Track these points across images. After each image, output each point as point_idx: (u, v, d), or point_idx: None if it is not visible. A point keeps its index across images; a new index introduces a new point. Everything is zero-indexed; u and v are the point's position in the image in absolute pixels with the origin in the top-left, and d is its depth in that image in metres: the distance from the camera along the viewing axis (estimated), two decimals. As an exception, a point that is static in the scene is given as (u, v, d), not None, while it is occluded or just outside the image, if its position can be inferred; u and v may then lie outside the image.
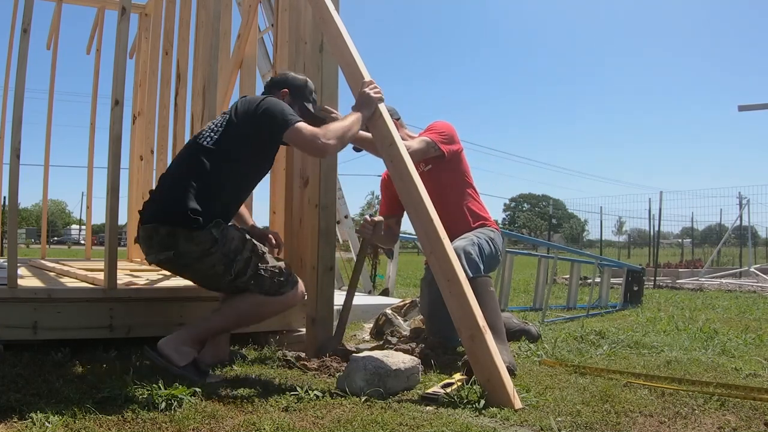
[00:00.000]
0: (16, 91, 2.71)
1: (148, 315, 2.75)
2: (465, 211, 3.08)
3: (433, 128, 3.11)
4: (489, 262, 2.95)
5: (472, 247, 2.82)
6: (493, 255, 3.00)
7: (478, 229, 3.02)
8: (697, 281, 10.12)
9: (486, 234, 3.00)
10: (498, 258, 3.11)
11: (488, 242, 2.96)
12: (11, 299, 2.54)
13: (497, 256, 3.08)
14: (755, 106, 7.87)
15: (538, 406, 2.02)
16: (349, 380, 2.13)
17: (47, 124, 5.58)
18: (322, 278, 2.81)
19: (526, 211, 64.96)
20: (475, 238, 2.91)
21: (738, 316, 5.10)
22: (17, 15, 4.94)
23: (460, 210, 3.07)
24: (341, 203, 6.08)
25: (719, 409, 2.03)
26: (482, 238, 2.94)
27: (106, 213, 2.75)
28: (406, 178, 2.44)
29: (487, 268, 2.93)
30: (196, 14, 4.10)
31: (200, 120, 3.20)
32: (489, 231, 3.04)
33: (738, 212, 14.40)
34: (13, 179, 2.66)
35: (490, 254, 2.95)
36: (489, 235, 3.01)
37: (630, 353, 3.03)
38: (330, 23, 2.75)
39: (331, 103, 2.88)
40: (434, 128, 3.10)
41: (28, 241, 34.67)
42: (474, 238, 2.90)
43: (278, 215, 3.14)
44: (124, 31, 2.85)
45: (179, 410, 1.84)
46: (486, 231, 3.03)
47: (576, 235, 33.22)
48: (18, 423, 1.69)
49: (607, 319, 4.75)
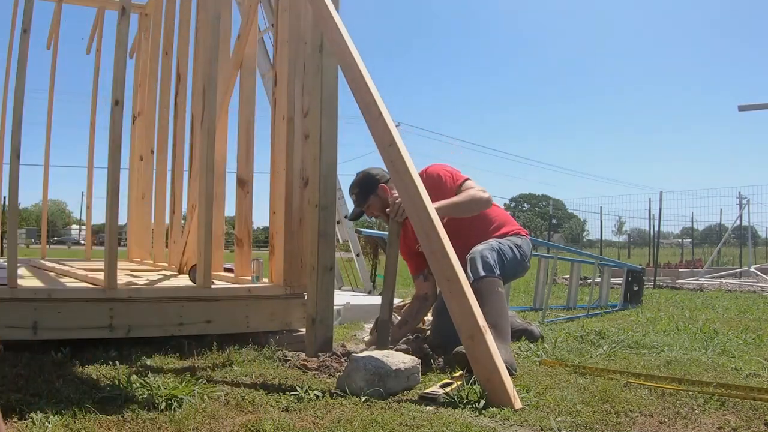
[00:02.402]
0: (16, 91, 2.71)
1: (148, 315, 2.75)
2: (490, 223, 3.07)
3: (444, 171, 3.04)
4: (512, 266, 2.94)
5: (490, 252, 2.82)
6: (518, 260, 2.99)
7: (506, 237, 3.03)
8: (697, 281, 10.11)
9: (512, 240, 3.01)
10: (524, 264, 3.09)
11: (512, 248, 2.96)
12: (11, 299, 2.54)
13: (524, 262, 3.07)
14: (755, 106, 7.86)
15: (538, 406, 2.02)
16: (349, 380, 2.13)
17: (47, 124, 5.59)
18: (322, 278, 2.81)
19: (526, 211, 64.95)
20: (495, 243, 2.91)
21: (738, 316, 5.09)
22: (17, 15, 4.94)
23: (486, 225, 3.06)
24: (341, 203, 6.08)
25: (719, 409, 2.03)
26: (506, 244, 2.95)
27: (106, 213, 2.74)
28: (406, 179, 2.44)
29: (510, 273, 2.95)
30: (196, 14, 4.11)
31: (200, 120, 3.20)
32: (516, 238, 3.06)
33: (738, 212, 14.41)
34: (13, 179, 2.66)
35: (514, 259, 2.95)
36: (515, 242, 3.01)
37: (630, 353, 3.03)
38: (330, 23, 2.75)
39: (331, 103, 2.88)
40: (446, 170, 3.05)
41: (28, 241, 34.66)
42: (495, 244, 2.91)
43: (278, 215, 3.14)
44: (124, 31, 2.85)
45: (179, 410, 1.84)
46: (513, 238, 3.04)
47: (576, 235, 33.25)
48: (18, 423, 1.69)
49: (607, 319, 4.75)
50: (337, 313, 3.79)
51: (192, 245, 3.69)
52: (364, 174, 3.13)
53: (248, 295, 3.02)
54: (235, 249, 3.58)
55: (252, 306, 3.00)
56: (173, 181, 4.61)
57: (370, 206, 3.08)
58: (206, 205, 2.92)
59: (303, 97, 3.13)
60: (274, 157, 3.23)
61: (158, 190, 4.88)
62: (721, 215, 16.68)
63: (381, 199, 3.03)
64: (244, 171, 3.52)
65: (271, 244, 3.22)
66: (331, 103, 2.88)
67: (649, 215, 14.14)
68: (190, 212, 3.79)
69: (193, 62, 4.14)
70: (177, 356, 2.63)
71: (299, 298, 3.09)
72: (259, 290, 3.06)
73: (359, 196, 3.09)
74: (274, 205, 3.20)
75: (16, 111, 2.69)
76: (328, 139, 2.86)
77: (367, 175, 3.12)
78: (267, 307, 3.03)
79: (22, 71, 2.70)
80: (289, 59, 3.15)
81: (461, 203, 2.87)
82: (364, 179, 3.10)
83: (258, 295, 3.03)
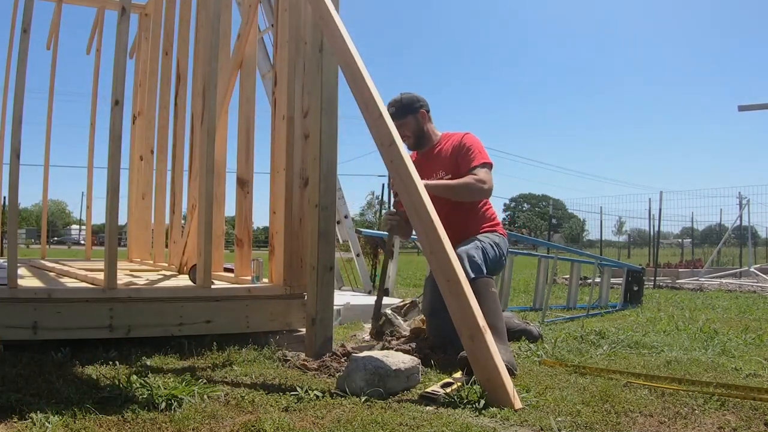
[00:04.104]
0: (16, 91, 2.71)
1: (148, 315, 2.75)
2: (477, 215, 3.11)
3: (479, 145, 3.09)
4: (492, 266, 2.97)
5: (475, 251, 2.84)
6: (497, 259, 3.02)
7: (486, 233, 3.06)
8: (697, 281, 10.10)
9: (491, 239, 3.03)
10: (502, 262, 3.14)
11: (492, 246, 2.99)
12: (11, 299, 2.54)
13: (501, 261, 3.10)
14: (755, 106, 7.84)
15: (538, 406, 2.02)
16: (349, 380, 2.13)
17: (47, 124, 5.58)
18: (322, 278, 2.81)
19: (526, 211, 65.02)
20: (479, 242, 2.94)
21: (738, 316, 5.09)
22: (17, 15, 4.93)
23: (474, 214, 3.10)
24: (341, 203, 6.08)
25: (719, 409, 2.03)
26: (486, 242, 2.97)
27: (106, 213, 2.74)
28: (406, 179, 2.44)
29: (491, 271, 2.95)
30: (196, 14, 4.11)
31: (200, 120, 3.20)
32: (495, 236, 3.08)
33: (738, 212, 14.41)
34: (13, 179, 2.66)
35: (494, 258, 2.98)
36: (494, 240, 3.04)
37: (630, 353, 3.03)
38: (330, 23, 2.75)
39: (331, 103, 2.88)
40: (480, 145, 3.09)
41: (28, 241, 34.68)
42: (478, 243, 2.93)
43: (278, 215, 3.14)
44: (124, 31, 2.85)
45: (179, 410, 1.84)
46: (492, 236, 3.06)
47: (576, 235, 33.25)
48: (18, 423, 1.69)
49: (607, 319, 4.74)
50: (337, 313, 3.79)
51: (192, 245, 3.69)
52: (410, 95, 3.20)
53: (248, 295, 3.02)
54: (235, 249, 3.58)
55: (252, 306, 3.00)
56: (173, 181, 4.61)
57: (405, 124, 3.13)
58: (206, 205, 2.92)
59: (303, 97, 3.13)
60: (274, 157, 3.23)
61: (158, 190, 4.88)
62: (721, 215, 16.69)
63: (417, 123, 3.15)
64: (244, 171, 3.53)
65: (271, 244, 3.22)
66: (331, 103, 2.88)
67: (649, 215, 14.14)
68: (190, 212, 3.79)
69: (193, 62, 4.14)
70: (177, 356, 2.63)
71: (299, 298, 3.09)
72: (259, 290, 3.06)
73: (399, 110, 3.12)
74: (274, 205, 3.20)
75: (16, 111, 2.69)
76: (328, 139, 2.86)
77: (413, 96, 3.20)
78: (267, 307, 3.04)
79: (22, 71, 2.70)
80: (289, 59, 3.15)
81: (456, 187, 2.94)
82: (409, 98, 3.17)
83: (258, 295, 3.04)
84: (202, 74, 3.24)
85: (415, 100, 3.19)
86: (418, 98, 3.21)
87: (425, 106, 3.22)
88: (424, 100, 3.23)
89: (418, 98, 3.21)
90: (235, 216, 3.60)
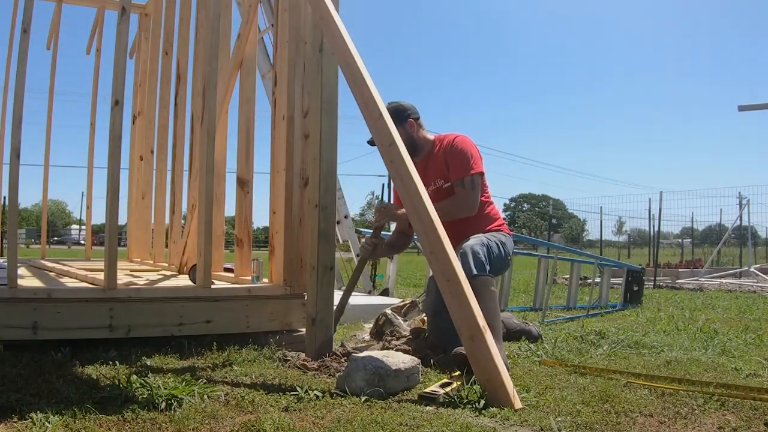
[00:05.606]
0: (15, 91, 2.71)
1: (148, 315, 2.75)
2: (480, 216, 3.08)
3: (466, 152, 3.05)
4: (497, 264, 2.96)
5: (480, 247, 2.83)
6: (502, 258, 3.01)
7: (492, 232, 3.04)
8: (697, 281, 10.11)
9: (497, 237, 3.02)
10: (507, 261, 3.13)
11: (498, 245, 2.98)
12: (11, 299, 2.54)
13: (506, 260, 3.09)
14: (755, 106, 7.84)
15: (538, 406, 2.02)
16: (349, 380, 2.13)
17: (47, 124, 5.58)
18: (321, 278, 2.81)
19: (526, 211, 65.02)
20: (485, 239, 2.92)
21: (738, 316, 5.09)
22: (17, 15, 4.93)
23: (476, 216, 3.06)
24: (341, 203, 6.09)
25: (719, 409, 2.03)
26: (493, 240, 2.96)
27: (106, 213, 2.74)
28: (406, 179, 2.44)
29: (495, 269, 2.95)
30: (196, 14, 4.11)
31: (200, 120, 3.20)
32: (501, 235, 3.07)
33: (738, 212, 14.42)
34: (13, 179, 2.66)
35: (499, 256, 2.96)
36: (500, 239, 3.03)
37: (630, 353, 3.03)
38: (330, 23, 2.75)
39: (331, 103, 2.88)
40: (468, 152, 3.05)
41: (28, 241, 34.70)
42: (484, 239, 2.92)
43: (278, 215, 3.14)
44: (124, 31, 2.85)
45: (179, 410, 1.84)
46: (498, 235, 3.05)
47: (576, 235, 33.26)
48: (18, 423, 1.69)
49: (607, 319, 4.75)
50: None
51: (192, 245, 3.69)
52: (396, 104, 3.14)
53: (248, 295, 3.02)
54: (235, 249, 3.58)
55: (252, 306, 3.00)
56: (173, 181, 4.61)
57: None
58: (206, 205, 2.92)
59: (303, 97, 3.13)
60: (274, 157, 3.23)
61: (158, 190, 4.88)
62: (721, 215, 16.71)
63: (406, 133, 3.07)
64: (244, 171, 3.53)
65: (271, 244, 3.22)
66: (331, 103, 2.88)
67: (649, 215, 14.16)
68: (190, 212, 3.79)
69: (193, 62, 4.14)
70: (177, 356, 2.63)
71: (299, 298, 3.09)
72: (259, 290, 3.06)
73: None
74: (274, 205, 3.20)
75: (16, 111, 2.69)
76: (328, 139, 2.86)
77: (399, 105, 3.14)
78: (267, 307, 3.04)
79: (22, 71, 2.70)
80: (289, 59, 3.15)
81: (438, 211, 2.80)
82: (396, 108, 3.10)
83: (258, 295, 3.04)
84: (202, 74, 3.24)
85: (402, 110, 3.12)
86: (405, 107, 3.15)
87: (413, 114, 3.15)
88: (412, 108, 3.17)
89: (405, 107, 3.15)
90: (235, 216, 3.60)
